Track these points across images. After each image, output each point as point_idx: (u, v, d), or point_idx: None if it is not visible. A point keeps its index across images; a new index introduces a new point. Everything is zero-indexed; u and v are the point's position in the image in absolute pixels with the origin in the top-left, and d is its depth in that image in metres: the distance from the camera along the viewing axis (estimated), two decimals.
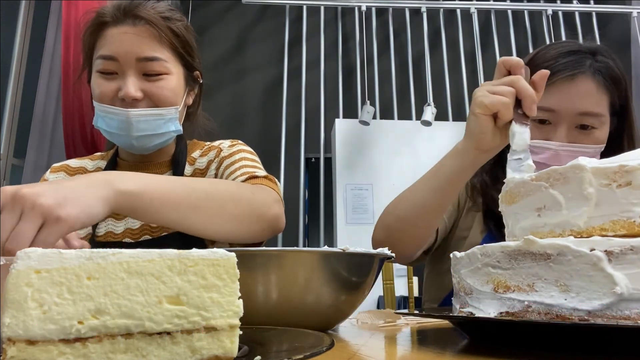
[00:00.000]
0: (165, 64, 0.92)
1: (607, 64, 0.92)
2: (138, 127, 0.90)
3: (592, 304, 0.39)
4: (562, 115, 0.90)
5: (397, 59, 3.66)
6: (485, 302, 0.47)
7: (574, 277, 0.41)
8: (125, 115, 0.88)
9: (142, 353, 0.29)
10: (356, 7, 3.66)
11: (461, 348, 0.47)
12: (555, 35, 3.68)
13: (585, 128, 0.90)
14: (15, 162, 2.73)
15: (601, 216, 0.44)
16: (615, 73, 0.92)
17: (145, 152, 0.97)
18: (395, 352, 0.45)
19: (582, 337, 0.41)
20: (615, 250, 0.40)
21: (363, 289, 0.58)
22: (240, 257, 0.33)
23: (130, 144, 0.93)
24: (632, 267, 0.39)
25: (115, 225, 0.98)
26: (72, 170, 1.03)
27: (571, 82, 0.90)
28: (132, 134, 0.90)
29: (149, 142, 0.94)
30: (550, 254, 0.42)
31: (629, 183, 0.43)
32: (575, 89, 0.89)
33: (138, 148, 0.95)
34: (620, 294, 0.38)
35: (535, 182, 0.50)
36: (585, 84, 0.90)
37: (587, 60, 0.91)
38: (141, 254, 0.30)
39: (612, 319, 0.39)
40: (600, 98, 0.91)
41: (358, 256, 0.56)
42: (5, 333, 0.27)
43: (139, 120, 0.89)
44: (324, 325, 0.57)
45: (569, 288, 0.41)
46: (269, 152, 3.52)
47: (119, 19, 0.91)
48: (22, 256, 0.28)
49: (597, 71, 0.90)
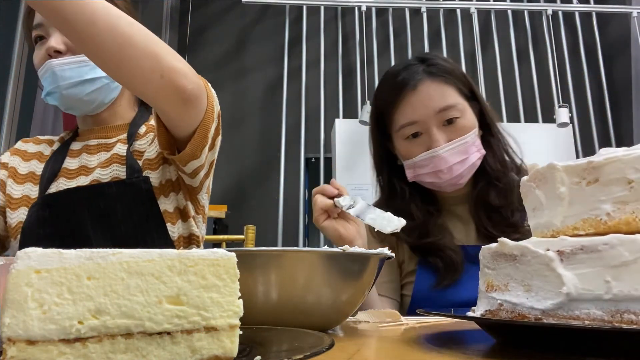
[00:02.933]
0: None
1: (436, 62, 1.01)
2: (64, 76, 0.90)
3: (546, 304, 0.40)
4: (425, 121, 0.97)
5: (397, 59, 3.65)
6: (482, 300, 0.49)
7: (533, 277, 0.42)
8: (50, 66, 0.89)
9: (142, 353, 0.29)
10: (356, 7, 3.66)
11: (462, 348, 0.47)
12: (555, 35, 3.68)
13: (451, 122, 0.97)
14: None
15: (574, 215, 0.44)
16: (446, 67, 1.01)
17: (86, 109, 0.97)
18: (396, 352, 0.45)
19: (539, 336, 0.42)
20: (567, 250, 0.40)
21: (363, 289, 0.58)
22: (240, 257, 0.33)
23: (65, 99, 0.93)
24: (582, 267, 0.39)
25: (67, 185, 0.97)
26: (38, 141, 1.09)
27: (415, 90, 0.98)
28: (60, 84, 0.90)
29: (80, 92, 0.93)
30: (516, 255, 0.43)
31: (597, 180, 0.42)
32: (422, 94, 0.97)
33: (73, 101, 0.94)
34: (567, 293, 0.38)
35: (528, 182, 0.50)
36: (427, 86, 0.98)
37: (419, 67, 1.00)
38: (141, 254, 0.30)
39: (563, 319, 0.39)
40: (447, 91, 0.98)
41: (358, 256, 0.56)
42: (5, 333, 0.27)
43: (63, 69, 0.90)
44: (324, 325, 0.57)
45: (531, 288, 0.42)
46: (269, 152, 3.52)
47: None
48: (22, 256, 0.28)
49: (430, 73, 0.99)
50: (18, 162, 1.03)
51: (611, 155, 0.42)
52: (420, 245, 1.00)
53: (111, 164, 0.96)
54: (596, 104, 3.58)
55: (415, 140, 0.99)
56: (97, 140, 1.01)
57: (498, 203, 1.00)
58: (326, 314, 0.56)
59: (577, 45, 3.71)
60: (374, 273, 0.59)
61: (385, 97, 1.02)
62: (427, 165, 0.97)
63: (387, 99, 1.01)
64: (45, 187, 0.96)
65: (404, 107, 0.98)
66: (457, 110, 0.97)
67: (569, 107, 3.33)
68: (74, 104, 0.95)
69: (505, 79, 3.56)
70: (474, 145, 0.98)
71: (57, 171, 0.98)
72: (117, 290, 0.29)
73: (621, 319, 0.36)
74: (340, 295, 0.55)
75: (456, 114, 0.97)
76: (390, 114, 1.01)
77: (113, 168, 0.96)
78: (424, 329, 0.60)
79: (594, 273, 0.38)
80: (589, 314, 0.38)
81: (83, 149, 1.02)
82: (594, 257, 0.38)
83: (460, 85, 1.00)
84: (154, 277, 0.30)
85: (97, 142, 1.01)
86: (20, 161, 1.03)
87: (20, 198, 0.98)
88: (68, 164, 1.00)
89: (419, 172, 0.99)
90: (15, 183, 1.00)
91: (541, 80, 3.61)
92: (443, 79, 0.98)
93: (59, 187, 0.96)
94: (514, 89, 3.56)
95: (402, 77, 0.99)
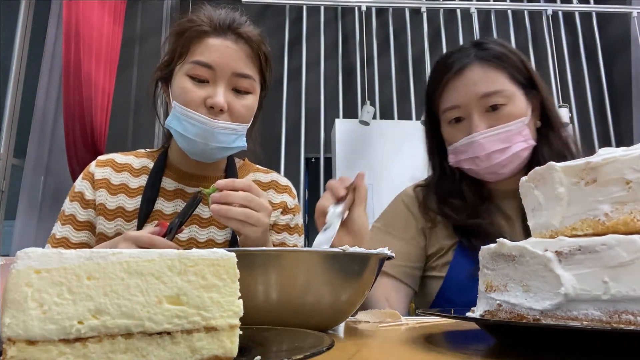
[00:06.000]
0: (253, 82, 0.95)
1: (489, 47, 0.98)
2: (217, 139, 0.92)
3: (544, 304, 0.40)
4: (468, 105, 0.95)
5: (397, 59, 3.65)
6: (481, 301, 0.49)
7: (532, 278, 0.41)
8: (211, 126, 0.90)
9: (142, 353, 0.29)
10: (356, 7, 3.65)
11: (462, 348, 0.47)
12: (555, 35, 3.68)
13: (495, 109, 0.94)
14: (15, 162, 2.73)
15: (573, 215, 0.43)
16: (499, 51, 0.97)
17: (207, 161, 0.99)
18: (396, 353, 0.45)
19: (537, 337, 0.41)
20: (565, 250, 0.40)
21: (363, 289, 0.58)
22: (240, 257, 0.33)
23: (201, 151, 0.94)
24: (580, 268, 0.39)
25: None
26: (118, 167, 1.03)
27: (460, 75, 0.96)
28: (210, 144, 0.92)
29: (219, 154, 0.96)
30: (515, 256, 0.43)
31: (595, 180, 0.42)
32: (467, 79, 0.95)
33: (205, 157, 0.96)
34: (566, 294, 0.38)
35: (527, 183, 0.50)
36: (473, 71, 0.95)
37: (471, 51, 0.98)
38: (141, 254, 0.30)
39: (561, 319, 0.39)
40: (495, 77, 0.95)
41: (357, 256, 0.56)
42: (5, 333, 0.27)
43: (220, 132, 0.91)
44: (324, 325, 0.57)
45: (529, 288, 0.42)
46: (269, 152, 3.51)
47: (220, 31, 0.94)
48: (22, 256, 0.28)
49: (481, 57, 0.96)
50: (105, 196, 1.00)
51: (609, 155, 0.42)
52: (467, 226, 0.96)
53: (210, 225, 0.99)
54: (596, 104, 3.58)
55: (458, 125, 0.97)
56: (195, 189, 1.01)
57: None
58: (326, 314, 0.56)
59: (577, 45, 3.71)
60: (374, 273, 0.59)
61: (434, 79, 1.01)
62: (466, 150, 0.95)
63: (435, 81, 1.00)
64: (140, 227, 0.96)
65: (448, 90, 0.97)
66: (503, 97, 0.94)
67: (569, 107, 3.33)
68: (204, 158, 0.97)
69: None
70: (521, 134, 0.94)
71: (151, 211, 0.98)
72: (117, 290, 0.29)
73: (619, 319, 0.36)
74: (340, 295, 0.55)
75: (502, 100, 0.94)
76: (437, 96, 1.00)
77: (210, 230, 0.99)
78: (424, 329, 0.60)
79: (592, 274, 0.38)
80: (587, 315, 0.37)
81: (178, 193, 1.01)
82: (592, 257, 0.38)
83: (513, 71, 0.96)
84: (154, 277, 0.30)
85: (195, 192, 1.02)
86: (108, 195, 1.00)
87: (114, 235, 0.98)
88: (162, 205, 0.99)
89: (459, 157, 0.97)
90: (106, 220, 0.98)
91: None
92: (493, 63, 0.96)
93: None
94: None
95: (451, 60, 0.98)
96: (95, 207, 0.99)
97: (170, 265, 0.31)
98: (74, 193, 1.01)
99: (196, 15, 0.97)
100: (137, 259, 0.30)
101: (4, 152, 2.65)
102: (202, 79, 0.92)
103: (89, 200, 1.00)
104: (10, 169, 2.69)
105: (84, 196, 1.00)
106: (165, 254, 0.31)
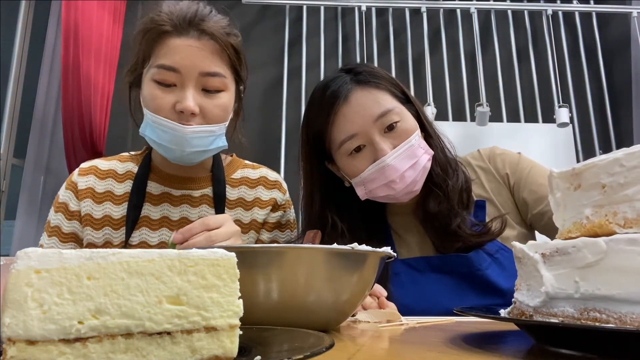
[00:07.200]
0: (224, 79, 0.91)
1: (362, 69, 0.96)
2: (192, 143, 0.89)
3: (535, 301, 0.44)
4: (366, 131, 0.91)
5: (397, 59, 3.65)
6: None
7: (530, 277, 0.46)
8: (182, 132, 0.87)
9: (142, 353, 0.29)
10: (356, 7, 3.66)
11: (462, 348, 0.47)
12: (555, 35, 3.68)
13: (392, 128, 0.91)
14: (15, 162, 2.73)
15: (568, 219, 0.47)
16: (374, 72, 0.95)
17: (188, 165, 0.97)
18: (396, 352, 0.45)
19: (531, 330, 0.46)
20: (547, 252, 0.43)
21: (364, 289, 0.58)
22: (241, 255, 0.33)
23: (179, 157, 0.92)
24: (558, 268, 0.42)
25: (150, 235, 0.97)
26: (102, 174, 1.01)
27: (348, 102, 0.92)
28: (185, 150, 0.89)
29: (198, 157, 0.93)
30: (520, 257, 0.48)
31: (580, 185, 0.45)
32: (356, 105, 0.91)
33: (185, 162, 0.94)
34: (547, 292, 0.42)
35: None
36: (359, 95, 0.92)
37: (346, 78, 0.94)
38: (141, 254, 0.30)
39: (545, 316, 0.43)
40: (380, 96, 0.92)
41: (358, 254, 0.56)
42: (5, 333, 0.27)
43: (194, 137, 0.88)
44: (324, 325, 0.57)
45: (529, 287, 0.46)
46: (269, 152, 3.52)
47: (182, 30, 0.88)
48: (22, 256, 0.28)
49: (359, 81, 0.93)
50: (91, 205, 0.98)
51: (589, 161, 0.45)
52: None
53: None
54: (596, 104, 3.57)
55: (359, 154, 0.92)
56: (181, 191, 1.00)
57: (437, 210, 0.95)
58: (326, 313, 0.56)
59: (577, 45, 3.71)
60: (374, 272, 0.59)
61: (318, 115, 0.95)
62: (377, 177, 0.91)
63: (320, 118, 0.94)
64: (128, 234, 0.96)
65: (339, 121, 0.92)
66: (395, 114, 0.91)
67: (569, 107, 3.33)
68: (183, 162, 0.95)
69: (505, 79, 3.56)
70: (420, 147, 0.93)
71: (138, 217, 0.97)
72: (117, 290, 0.29)
73: (588, 316, 0.39)
74: (341, 294, 0.55)
75: (395, 117, 0.91)
76: (327, 132, 0.94)
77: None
78: (424, 329, 0.60)
79: (566, 274, 0.41)
80: (564, 312, 0.41)
81: (164, 197, 1.00)
82: (566, 259, 0.41)
83: (392, 88, 0.95)
84: (154, 277, 0.30)
85: (181, 194, 1.00)
86: (93, 204, 0.98)
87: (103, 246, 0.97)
88: (149, 211, 0.98)
89: (370, 187, 0.92)
90: (94, 230, 0.97)
91: (541, 80, 3.61)
92: (373, 84, 0.93)
93: (141, 237, 0.96)
94: (514, 89, 3.56)
95: (330, 91, 0.93)
96: (80, 219, 0.98)
97: (170, 265, 0.31)
98: (58, 203, 1.00)
99: (157, 13, 0.91)
100: (137, 259, 0.30)
101: (4, 152, 2.65)
102: (168, 83, 0.88)
103: (74, 212, 0.98)
104: (10, 169, 2.69)
105: (68, 207, 0.98)
106: (165, 254, 0.31)
